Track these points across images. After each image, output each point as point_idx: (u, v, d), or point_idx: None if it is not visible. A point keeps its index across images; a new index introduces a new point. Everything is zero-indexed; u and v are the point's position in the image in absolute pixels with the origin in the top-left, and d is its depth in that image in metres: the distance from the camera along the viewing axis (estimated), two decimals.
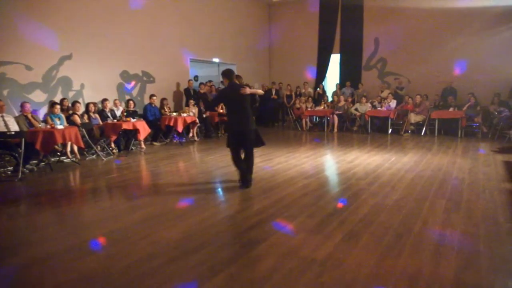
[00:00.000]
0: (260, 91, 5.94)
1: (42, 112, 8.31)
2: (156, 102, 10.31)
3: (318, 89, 14.39)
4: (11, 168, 6.46)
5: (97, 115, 8.61)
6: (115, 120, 8.52)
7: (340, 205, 4.46)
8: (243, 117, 5.25)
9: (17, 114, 7.38)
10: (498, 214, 4.11)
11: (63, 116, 7.76)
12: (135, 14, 10.42)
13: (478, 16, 11.90)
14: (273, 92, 14.25)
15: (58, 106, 7.70)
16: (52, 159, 7.25)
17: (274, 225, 3.81)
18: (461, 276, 2.74)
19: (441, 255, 3.07)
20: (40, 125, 7.18)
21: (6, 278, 2.88)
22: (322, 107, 13.02)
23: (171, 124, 9.59)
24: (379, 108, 12.10)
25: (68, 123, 7.72)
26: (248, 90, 5.22)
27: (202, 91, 11.90)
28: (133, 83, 10.55)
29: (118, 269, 2.93)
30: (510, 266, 2.95)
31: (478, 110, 10.90)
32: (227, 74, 5.38)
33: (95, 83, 9.51)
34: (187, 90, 11.84)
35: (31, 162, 6.74)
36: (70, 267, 2.99)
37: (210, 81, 13.03)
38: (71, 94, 9.00)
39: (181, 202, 4.75)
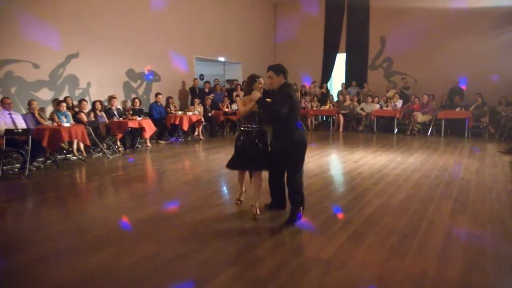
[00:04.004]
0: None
1: (49, 110, 8.37)
2: (162, 100, 10.33)
3: (321, 88, 14.34)
4: (18, 165, 6.51)
5: (103, 113, 8.65)
6: (121, 118, 8.56)
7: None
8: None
9: (24, 112, 7.44)
10: (505, 215, 4.08)
11: (69, 114, 7.80)
12: (141, 13, 10.45)
13: (485, 15, 11.77)
14: None
15: (64, 104, 7.74)
16: (59, 156, 7.29)
17: (278, 225, 3.81)
18: (467, 277, 2.72)
19: (447, 256, 3.05)
20: (46, 123, 7.23)
21: (13, 275, 2.90)
22: (327, 106, 12.98)
23: (177, 122, 9.62)
24: (385, 108, 12.05)
25: (74, 121, 7.77)
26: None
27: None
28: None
29: (124, 267, 2.94)
30: None
31: (485, 111, 10.81)
32: (284, 70, 4.01)
33: (101, 81, 9.55)
34: (192, 89, 11.86)
35: (37, 159, 6.80)
36: (76, 264, 3.01)
37: (216, 79, 13.07)
38: (77, 92, 9.05)
39: (186, 200, 4.77)
